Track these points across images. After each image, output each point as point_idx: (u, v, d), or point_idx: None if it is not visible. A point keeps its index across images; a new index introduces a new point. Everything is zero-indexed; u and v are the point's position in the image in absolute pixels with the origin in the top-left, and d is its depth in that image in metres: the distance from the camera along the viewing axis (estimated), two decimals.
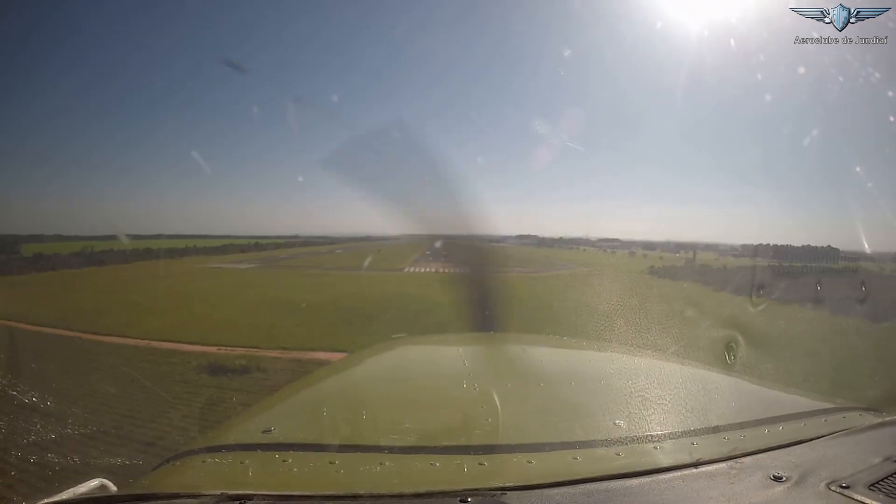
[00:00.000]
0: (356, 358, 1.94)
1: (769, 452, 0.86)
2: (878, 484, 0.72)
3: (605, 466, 0.79)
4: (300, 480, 0.77)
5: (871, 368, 6.06)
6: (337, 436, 0.94)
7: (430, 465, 0.80)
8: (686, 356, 2.15)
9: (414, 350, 2.17)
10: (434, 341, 2.69)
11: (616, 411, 1.10)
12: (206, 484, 0.73)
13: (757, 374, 3.97)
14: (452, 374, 1.53)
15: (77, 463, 1.88)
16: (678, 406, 1.19)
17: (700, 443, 0.91)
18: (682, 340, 6.03)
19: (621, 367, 1.70)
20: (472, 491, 0.68)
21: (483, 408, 1.08)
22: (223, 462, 0.85)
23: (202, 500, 0.66)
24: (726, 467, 0.80)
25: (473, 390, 1.25)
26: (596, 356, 1.95)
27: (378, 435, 0.96)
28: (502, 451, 0.86)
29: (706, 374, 1.62)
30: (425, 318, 10.34)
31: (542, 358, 1.86)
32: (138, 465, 1.81)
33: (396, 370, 1.70)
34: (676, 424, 1.02)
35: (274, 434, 0.95)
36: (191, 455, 0.89)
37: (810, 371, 6.28)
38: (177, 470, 0.85)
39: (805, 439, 0.92)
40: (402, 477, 0.77)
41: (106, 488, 0.80)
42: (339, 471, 0.78)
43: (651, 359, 1.96)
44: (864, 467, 0.78)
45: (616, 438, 0.90)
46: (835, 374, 6.04)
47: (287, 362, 7.54)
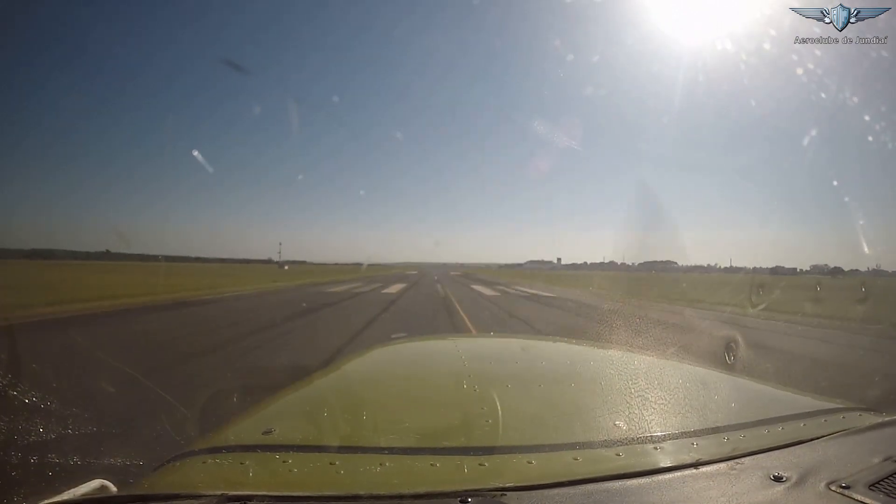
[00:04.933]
0: (356, 358, 1.94)
1: (769, 452, 0.86)
2: (878, 484, 0.72)
3: (605, 467, 0.79)
4: (300, 481, 0.77)
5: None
6: (337, 436, 0.95)
7: (430, 466, 0.80)
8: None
9: (414, 350, 2.17)
10: (433, 341, 2.69)
11: (616, 412, 1.10)
12: (206, 484, 0.73)
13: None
14: (452, 374, 1.53)
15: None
16: (678, 406, 1.19)
17: (700, 443, 0.91)
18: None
19: (621, 368, 1.71)
20: (472, 491, 0.68)
21: (483, 408, 1.08)
22: (223, 462, 0.85)
23: (202, 501, 0.66)
24: (726, 467, 0.80)
25: (474, 391, 1.25)
26: (596, 356, 1.96)
27: (378, 435, 0.97)
28: (502, 451, 0.86)
29: (706, 373, 1.62)
30: None
31: (542, 358, 1.87)
32: (138, 464, 1.81)
33: (396, 370, 1.70)
34: (676, 425, 1.02)
35: (274, 434, 0.95)
36: (191, 455, 0.89)
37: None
38: (177, 470, 0.85)
39: (805, 439, 0.92)
40: (402, 477, 0.77)
41: (106, 488, 0.80)
42: (339, 471, 0.78)
43: (651, 359, 1.97)
44: (864, 467, 0.78)
45: (616, 439, 0.90)
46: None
47: None
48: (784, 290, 22.80)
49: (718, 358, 5.66)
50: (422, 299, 18.17)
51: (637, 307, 15.64)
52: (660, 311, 13.81)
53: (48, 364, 5.38)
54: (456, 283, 35.41)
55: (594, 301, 18.49)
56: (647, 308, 15.08)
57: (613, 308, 15.75)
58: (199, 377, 5.27)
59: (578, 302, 17.77)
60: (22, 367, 3.54)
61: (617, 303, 18.34)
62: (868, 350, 8.38)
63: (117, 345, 7.54)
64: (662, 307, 15.72)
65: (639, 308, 15.13)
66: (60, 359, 6.07)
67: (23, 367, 3.62)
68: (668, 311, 14.30)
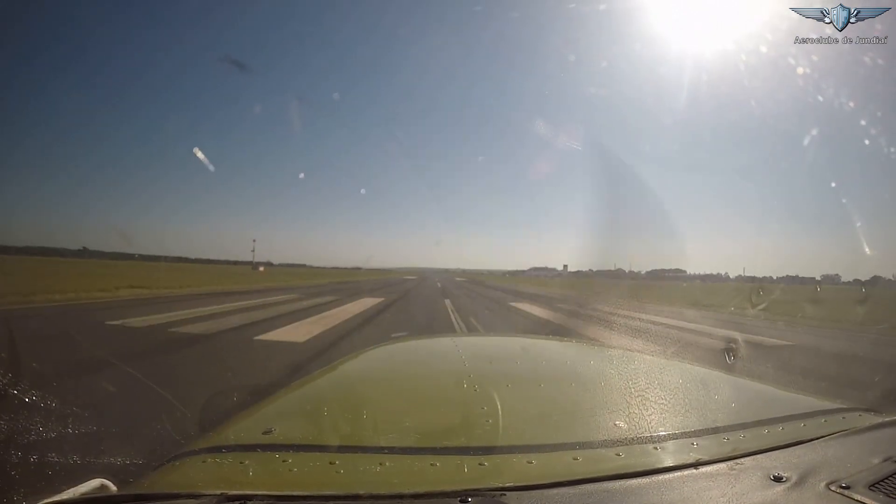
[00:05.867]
0: (356, 357, 1.94)
1: (769, 452, 0.86)
2: (878, 484, 0.72)
3: (605, 466, 0.79)
4: (300, 481, 0.77)
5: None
6: (337, 436, 0.95)
7: (430, 466, 0.80)
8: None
9: (414, 350, 2.17)
10: (434, 341, 2.69)
11: (616, 411, 1.10)
12: (206, 484, 0.73)
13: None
14: (452, 374, 1.53)
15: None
16: (678, 406, 1.19)
17: (700, 443, 0.91)
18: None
19: (621, 368, 1.71)
20: (472, 491, 0.68)
21: (483, 408, 1.08)
22: (223, 462, 0.85)
23: (202, 501, 0.66)
24: (726, 467, 0.80)
25: (474, 390, 1.25)
26: (596, 356, 1.96)
27: (378, 435, 0.97)
28: (502, 451, 0.86)
29: (706, 373, 1.62)
30: None
31: (542, 358, 1.87)
32: (138, 464, 1.78)
33: (396, 370, 1.70)
34: (676, 425, 1.02)
35: (274, 434, 0.95)
36: (191, 455, 0.89)
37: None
38: (177, 469, 0.85)
39: (805, 439, 0.92)
40: (402, 477, 0.77)
41: (106, 488, 0.80)
42: (339, 471, 0.78)
43: (651, 359, 1.97)
44: (864, 467, 0.78)
45: (616, 439, 0.90)
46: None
47: None
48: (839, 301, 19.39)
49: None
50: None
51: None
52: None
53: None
54: (482, 302, 18.94)
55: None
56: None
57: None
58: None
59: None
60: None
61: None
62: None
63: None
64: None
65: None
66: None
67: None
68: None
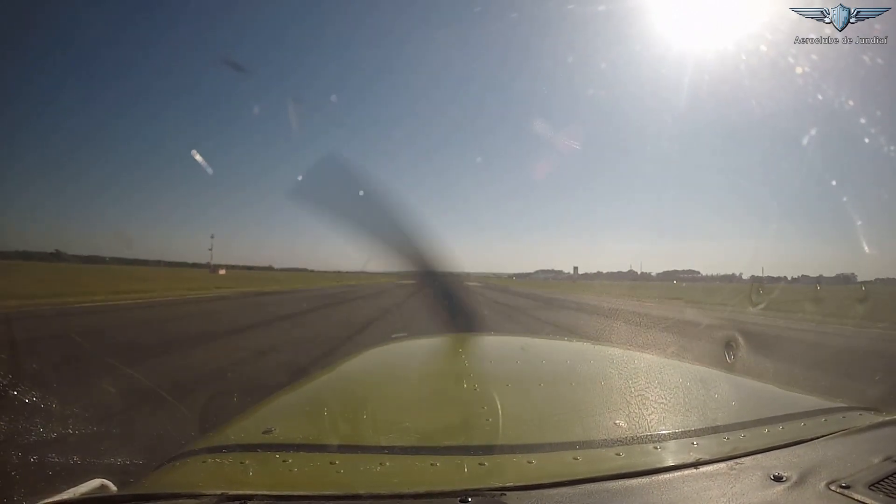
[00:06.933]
0: (356, 357, 1.94)
1: (769, 452, 0.86)
2: (878, 484, 0.72)
3: (605, 466, 0.79)
4: (300, 481, 0.77)
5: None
6: (337, 436, 0.94)
7: (430, 465, 0.80)
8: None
9: (414, 350, 2.17)
10: (434, 341, 2.69)
11: (616, 411, 1.10)
12: (206, 484, 0.73)
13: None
14: (453, 374, 1.53)
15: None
16: (678, 406, 1.19)
17: (700, 442, 0.91)
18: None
19: (621, 367, 1.71)
20: (472, 491, 0.68)
21: (483, 408, 1.08)
22: (223, 462, 0.85)
23: (202, 500, 0.66)
24: (726, 467, 0.80)
25: (474, 390, 1.25)
26: (596, 356, 1.96)
27: (378, 435, 0.96)
28: (502, 451, 0.86)
29: (706, 373, 1.63)
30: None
31: (542, 357, 1.87)
32: (139, 464, 1.78)
33: (396, 370, 1.70)
34: (676, 424, 1.02)
35: (274, 434, 0.95)
36: (191, 454, 0.89)
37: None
38: (177, 469, 0.85)
39: (805, 439, 0.92)
40: (402, 477, 0.77)
41: (106, 488, 0.80)
42: (339, 471, 0.78)
43: (651, 358, 1.97)
44: (864, 467, 0.78)
45: (616, 438, 0.90)
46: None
47: None
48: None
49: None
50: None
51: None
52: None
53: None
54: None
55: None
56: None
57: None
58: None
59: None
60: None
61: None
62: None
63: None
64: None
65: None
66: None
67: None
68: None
